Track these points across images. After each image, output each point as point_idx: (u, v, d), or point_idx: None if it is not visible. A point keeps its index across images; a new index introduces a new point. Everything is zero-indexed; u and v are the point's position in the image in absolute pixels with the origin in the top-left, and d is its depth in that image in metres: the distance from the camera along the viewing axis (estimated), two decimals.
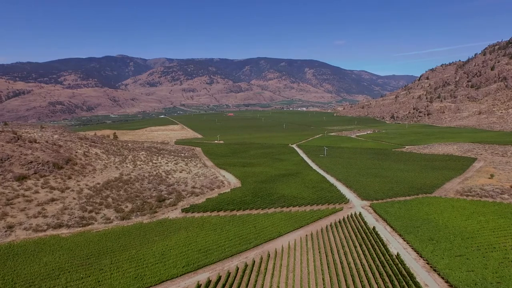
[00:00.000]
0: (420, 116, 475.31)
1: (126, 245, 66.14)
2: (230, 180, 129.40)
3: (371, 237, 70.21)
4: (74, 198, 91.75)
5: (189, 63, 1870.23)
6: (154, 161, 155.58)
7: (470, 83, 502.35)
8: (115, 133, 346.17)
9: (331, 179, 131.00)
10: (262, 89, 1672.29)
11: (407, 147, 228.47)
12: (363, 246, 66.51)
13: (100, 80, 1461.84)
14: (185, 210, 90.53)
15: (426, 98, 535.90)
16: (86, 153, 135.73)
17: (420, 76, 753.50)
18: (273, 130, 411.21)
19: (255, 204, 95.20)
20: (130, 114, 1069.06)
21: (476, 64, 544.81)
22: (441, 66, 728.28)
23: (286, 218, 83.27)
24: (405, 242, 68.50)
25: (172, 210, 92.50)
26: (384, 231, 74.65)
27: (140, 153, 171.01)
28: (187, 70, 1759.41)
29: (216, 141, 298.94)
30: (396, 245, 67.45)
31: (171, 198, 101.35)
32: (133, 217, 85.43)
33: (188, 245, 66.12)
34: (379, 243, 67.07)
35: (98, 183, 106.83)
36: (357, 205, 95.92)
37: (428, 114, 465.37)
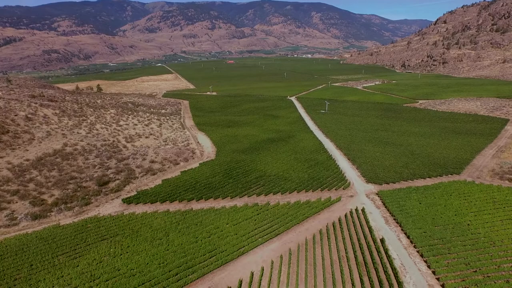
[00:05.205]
0: (434, 65, 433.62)
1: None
2: (205, 148, 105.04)
3: (378, 261, 46.74)
4: None
5: (190, 7, 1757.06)
6: (120, 123, 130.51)
7: (495, 26, 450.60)
8: (98, 85, 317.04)
9: (330, 146, 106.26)
10: (266, 35, 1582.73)
11: (420, 101, 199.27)
12: (365, 279, 43.08)
13: (96, 26, 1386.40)
14: (127, 201, 67.32)
15: (443, 44, 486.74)
16: (29, 116, 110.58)
17: (437, 20, 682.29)
18: (273, 79, 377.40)
19: (223, 190, 71.61)
20: (129, 62, 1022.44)
21: (505, 3, 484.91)
22: (462, 7, 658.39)
23: (259, 217, 59.69)
24: (430, 272, 44.78)
25: (112, 199, 69.41)
26: (398, 246, 50.82)
27: (108, 112, 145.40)
28: (188, 14, 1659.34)
29: (208, 93, 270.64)
30: (417, 277, 43.86)
31: (118, 179, 77.91)
32: (52, 214, 62.64)
33: (96, 279, 43.28)
34: (391, 276, 43.49)
35: (28, 159, 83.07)
36: (360, 191, 71.74)
37: (443, 63, 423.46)
